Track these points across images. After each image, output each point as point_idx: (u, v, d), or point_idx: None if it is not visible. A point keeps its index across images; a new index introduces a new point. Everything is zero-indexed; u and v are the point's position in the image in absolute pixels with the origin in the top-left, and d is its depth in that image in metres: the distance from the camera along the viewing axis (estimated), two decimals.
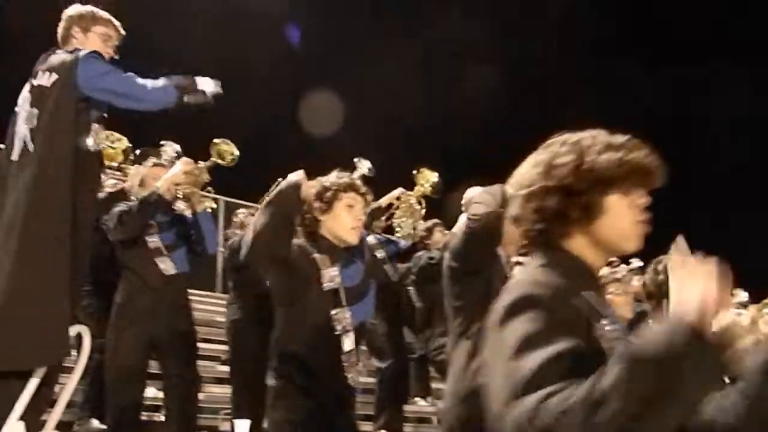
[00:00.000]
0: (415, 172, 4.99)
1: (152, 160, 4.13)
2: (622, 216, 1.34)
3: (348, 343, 2.54)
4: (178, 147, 4.25)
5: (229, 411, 4.79)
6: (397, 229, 5.24)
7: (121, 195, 4.07)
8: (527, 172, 1.40)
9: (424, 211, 4.97)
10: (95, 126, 2.96)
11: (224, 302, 6.05)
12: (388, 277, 5.33)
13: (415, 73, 13.05)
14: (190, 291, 9.10)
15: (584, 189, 1.32)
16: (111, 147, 4.68)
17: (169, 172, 3.77)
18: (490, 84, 12.76)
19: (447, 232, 4.83)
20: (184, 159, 3.87)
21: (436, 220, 5.23)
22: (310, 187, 2.57)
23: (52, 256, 2.75)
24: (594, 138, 1.37)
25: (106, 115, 3.09)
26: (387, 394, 4.98)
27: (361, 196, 2.67)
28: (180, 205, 4.01)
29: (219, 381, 5.72)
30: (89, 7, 3.17)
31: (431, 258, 4.70)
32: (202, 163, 3.87)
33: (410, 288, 5.40)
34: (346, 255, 2.65)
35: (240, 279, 5.00)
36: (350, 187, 2.64)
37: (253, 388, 4.47)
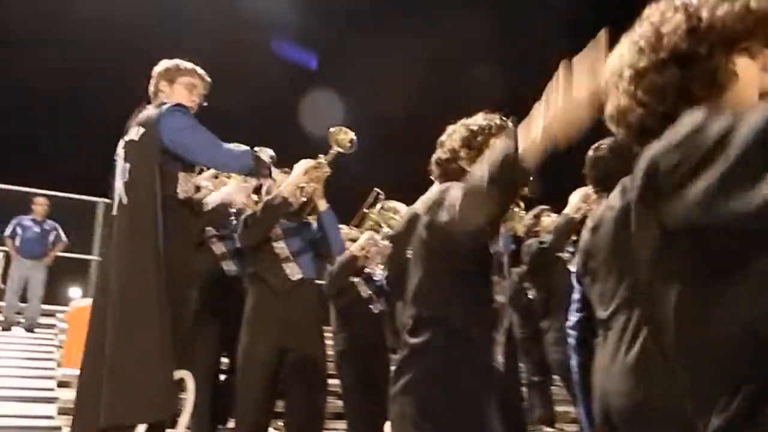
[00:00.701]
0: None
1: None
2: (752, 83, 1.06)
3: (501, 318, 2.23)
4: (271, 152, 4.26)
5: None
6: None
7: (221, 208, 4.12)
8: (627, 52, 1.12)
9: (523, 213, 4.73)
10: (182, 175, 3.02)
11: None
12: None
13: (416, 73, 12.80)
14: None
15: (705, 53, 1.05)
16: None
17: (291, 175, 3.77)
18: (491, 84, 12.43)
19: (555, 215, 4.54)
20: (303, 161, 3.83)
21: (542, 207, 4.95)
22: None
23: (150, 308, 2.78)
24: None
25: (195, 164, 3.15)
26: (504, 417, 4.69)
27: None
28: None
29: (338, 416, 5.66)
30: (175, 61, 3.27)
31: (542, 242, 4.42)
32: (322, 157, 3.81)
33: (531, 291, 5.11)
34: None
35: (342, 306, 4.93)
36: (502, 130, 2.27)
37: (368, 420, 4.37)
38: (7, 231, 8.36)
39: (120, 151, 3.07)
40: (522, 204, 4.72)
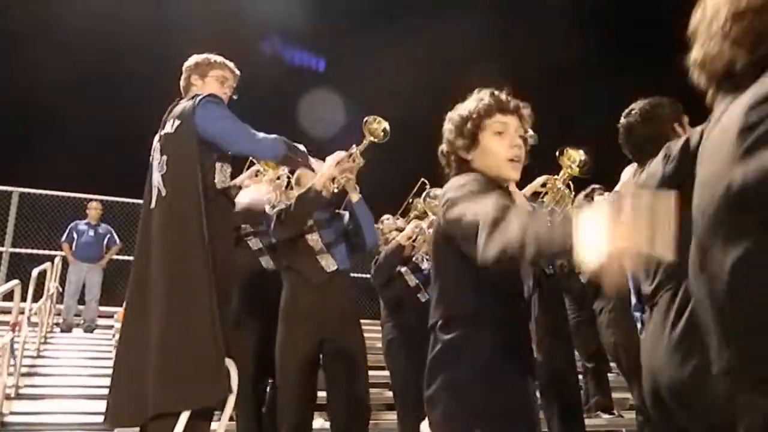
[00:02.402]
0: (557, 153, 4.62)
1: None
2: None
3: (530, 309, 2.14)
4: (303, 147, 4.24)
5: None
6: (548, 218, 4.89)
7: (254, 208, 4.13)
8: (707, 5, 1.06)
9: (573, 194, 4.60)
10: (219, 165, 3.04)
11: None
12: (543, 270, 4.99)
13: (416, 73, 12.61)
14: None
15: None
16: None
17: (324, 166, 3.70)
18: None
19: (608, 194, 4.38)
20: (337, 152, 3.77)
21: (594, 185, 4.80)
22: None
23: (200, 294, 2.78)
24: None
25: (230, 152, 3.16)
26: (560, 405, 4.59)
27: (512, 114, 2.11)
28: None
29: (389, 408, 5.64)
30: (204, 55, 3.31)
31: None
32: (355, 148, 3.75)
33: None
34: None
35: (389, 296, 4.90)
36: (493, 108, 2.09)
37: (418, 409, 4.31)
38: (64, 236, 8.63)
39: (156, 144, 3.10)
40: (571, 184, 4.60)
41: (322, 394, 3.86)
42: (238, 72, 3.35)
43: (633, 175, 4.08)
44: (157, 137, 3.14)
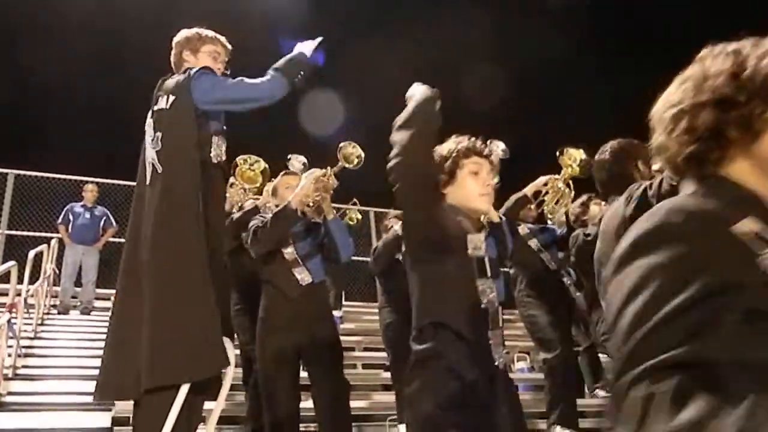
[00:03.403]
0: (557, 153, 4.68)
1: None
2: None
3: (494, 318, 2.29)
4: (303, 158, 4.30)
5: (394, 417, 4.69)
6: (549, 216, 4.95)
7: (255, 212, 4.17)
8: (674, 90, 1.16)
9: (573, 193, 4.63)
10: (215, 138, 3.02)
11: None
12: (546, 265, 5.02)
13: (416, 73, 12.64)
14: (352, 303, 9.35)
15: (744, 101, 1.08)
16: (250, 169, 4.84)
17: (299, 185, 3.80)
18: (491, 84, 12.18)
19: (604, 203, 4.39)
20: (312, 170, 3.91)
21: (590, 194, 4.83)
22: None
23: (194, 269, 2.77)
24: (756, 43, 1.11)
25: (225, 127, 3.14)
26: (557, 386, 4.62)
27: (485, 158, 2.45)
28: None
29: (385, 388, 5.68)
30: (195, 29, 3.27)
31: (587, 235, 4.30)
32: (329, 169, 3.89)
33: (566, 279, 5.04)
34: (484, 228, 2.42)
35: (387, 282, 4.95)
36: (471, 151, 2.43)
37: None
38: (60, 218, 8.61)
39: (149, 121, 3.07)
40: (571, 183, 4.62)
41: (304, 374, 3.95)
42: (230, 46, 3.31)
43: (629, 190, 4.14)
44: (149, 113, 3.11)
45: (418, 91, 2.36)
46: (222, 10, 11.95)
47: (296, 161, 4.51)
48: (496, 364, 2.27)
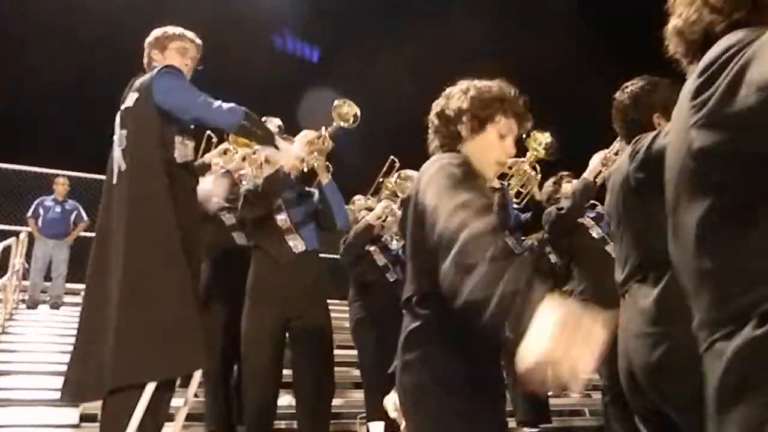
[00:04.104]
0: (524, 137, 4.67)
1: None
2: None
3: None
4: (279, 121, 4.19)
5: (364, 415, 4.71)
6: (515, 200, 4.95)
7: (228, 178, 4.12)
8: None
9: (539, 176, 4.64)
10: (179, 138, 3.00)
11: None
12: (511, 250, 5.05)
13: (415, 73, 12.68)
14: None
15: None
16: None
17: (293, 147, 3.61)
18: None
19: (575, 181, 4.42)
20: (305, 131, 3.75)
21: (562, 172, 4.84)
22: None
23: (168, 265, 2.76)
24: None
25: (192, 126, 3.13)
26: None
27: (520, 127, 2.12)
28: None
29: (357, 386, 5.70)
30: (163, 28, 3.27)
31: (560, 208, 4.30)
32: (324, 130, 3.75)
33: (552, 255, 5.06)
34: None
35: (358, 275, 4.94)
36: (515, 113, 2.09)
37: (384, 387, 4.37)
38: (30, 212, 8.50)
39: (117, 119, 3.06)
40: (537, 167, 4.65)
41: (288, 372, 3.91)
42: (199, 41, 3.29)
43: (601, 163, 4.17)
44: (118, 112, 3.10)
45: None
46: (222, 10, 11.88)
47: (271, 124, 4.44)
48: (507, 335, 2.14)
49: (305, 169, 3.77)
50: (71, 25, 11.76)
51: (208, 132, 4.75)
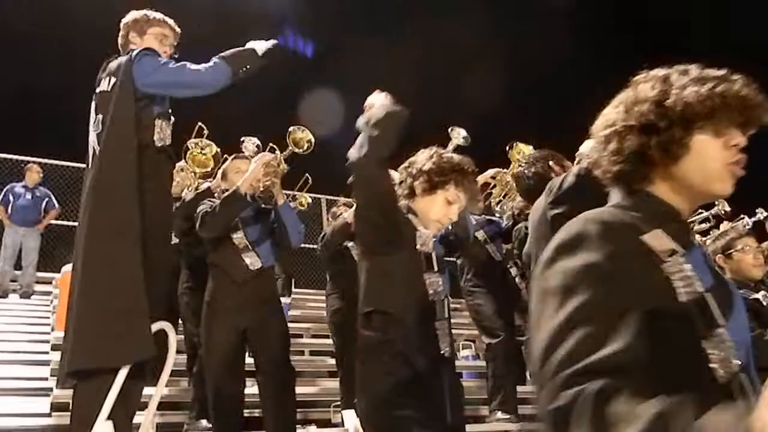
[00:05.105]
0: (508, 148, 4.75)
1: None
2: (709, 157, 1.18)
3: (440, 309, 2.39)
4: (257, 140, 4.23)
5: (339, 403, 4.73)
6: (497, 209, 5.02)
7: (208, 194, 4.12)
8: (609, 112, 1.27)
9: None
10: (158, 122, 2.97)
11: None
12: (491, 256, 5.11)
13: (415, 73, 12.74)
14: (301, 290, 9.31)
15: (665, 127, 1.18)
16: (201, 153, 4.77)
17: (249, 169, 3.75)
18: (490, 84, 12.45)
19: None
20: (262, 154, 3.86)
21: None
22: None
23: (123, 252, 2.74)
24: (685, 71, 1.21)
25: (170, 110, 3.10)
26: (499, 372, 4.73)
27: (466, 194, 2.47)
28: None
29: (332, 375, 5.71)
30: (143, 11, 3.21)
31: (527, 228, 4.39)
32: (279, 154, 3.84)
33: (513, 270, 5.14)
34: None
35: (336, 269, 4.96)
36: (464, 183, 2.45)
37: None
38: None
39: (93, 104, 3.02)
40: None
41: (250, 360, 3.96)
42: (178, 29, 3.26)
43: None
44: (93, 96, 3.06)
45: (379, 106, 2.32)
46: (222, 10, 11.74)
47: (250, 143, 4.44)
48: (443, 352, 2.36)
49: (261, 189, 3.77)
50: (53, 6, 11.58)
51: (200, 123, 4.73)
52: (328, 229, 4.82)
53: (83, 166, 3.11)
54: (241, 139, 4.49)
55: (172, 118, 3.11)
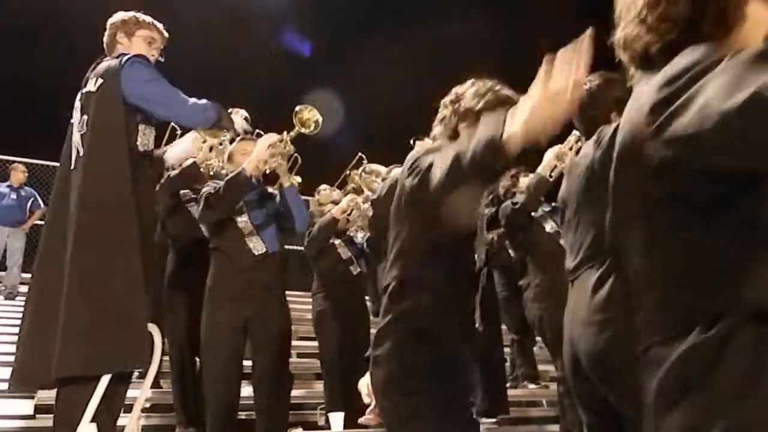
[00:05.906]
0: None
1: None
2: (764, 25, 1.05)
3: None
4: (245, 113, 4.17)
5: (324, 405, 4.71)
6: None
7: (194, 169, 4.08)
8: None
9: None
10: (142, 127, 2.95)
11: None
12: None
13: (415, 73, 12.76)
14: (287, 292, 9.26)
15: None
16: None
17: (255, 150, 3.68)
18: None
19: (532, 175, 4.47)
20: (268, 135, 3.76)
21: (519, 168, 4.87)
22: None
23: (122, 258, 2.71)
24: None
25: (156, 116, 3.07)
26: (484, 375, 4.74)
27: None
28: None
29: (319, 377, 5.69)
30: (131, 12, 3.19)
31: (515, 203, 4.38)
32: (285, 135, 3.74)
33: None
34: None
35: (322, 267, 4.93)
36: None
37: (344, 379, 4.38)
38: None
39: (77, 104, 2.99)
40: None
41: (248, 363, 3.89)
42: (166, 34, 3.24)
43: (555, 158, 4.23)
44: (78, 96, 3.03)
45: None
46: (222, 10, 11.69)
47: (237, 116, 4.40)
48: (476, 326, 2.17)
49: (267, 171, 3.74)
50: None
51: (172, 124, 4.69)
52: (315, 225, 4.77)
53: None
54: (229, 110, 4.45)
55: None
